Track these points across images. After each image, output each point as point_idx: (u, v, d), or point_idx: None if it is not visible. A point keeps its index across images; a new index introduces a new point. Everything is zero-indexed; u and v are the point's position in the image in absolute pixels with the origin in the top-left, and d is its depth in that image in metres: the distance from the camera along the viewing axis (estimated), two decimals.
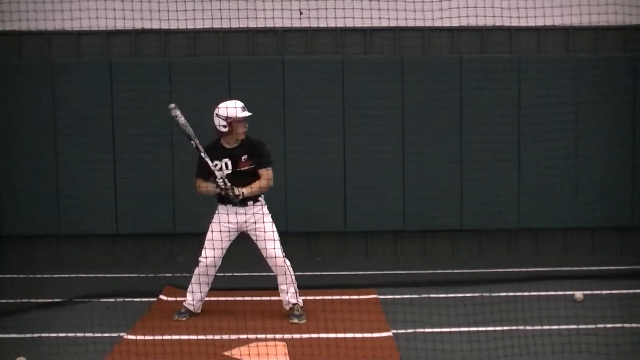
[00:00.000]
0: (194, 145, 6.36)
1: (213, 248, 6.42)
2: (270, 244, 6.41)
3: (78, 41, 9.16)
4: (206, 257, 6.45)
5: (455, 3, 8.73)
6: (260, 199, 6.48)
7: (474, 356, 5.50)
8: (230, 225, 6.45)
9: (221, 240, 6.42)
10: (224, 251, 6.51)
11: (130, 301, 7.13)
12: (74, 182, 8.95)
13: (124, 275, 8.39)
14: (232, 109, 6.32)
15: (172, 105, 6.47)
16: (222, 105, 6.38)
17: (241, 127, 6.40)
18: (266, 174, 6.43)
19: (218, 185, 6.27)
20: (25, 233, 9.13)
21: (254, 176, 6.40)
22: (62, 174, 8.97)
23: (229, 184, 6.25)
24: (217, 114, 6.36)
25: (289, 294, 6.49)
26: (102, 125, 8.93)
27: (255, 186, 6.36)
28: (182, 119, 6.39)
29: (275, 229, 6.49)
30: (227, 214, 6.42)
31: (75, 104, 8.91)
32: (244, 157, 6.40)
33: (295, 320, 6.42)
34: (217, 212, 6.51)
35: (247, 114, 6.38)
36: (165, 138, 8.89)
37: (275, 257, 6.40)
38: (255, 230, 6.46)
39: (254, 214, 6.44)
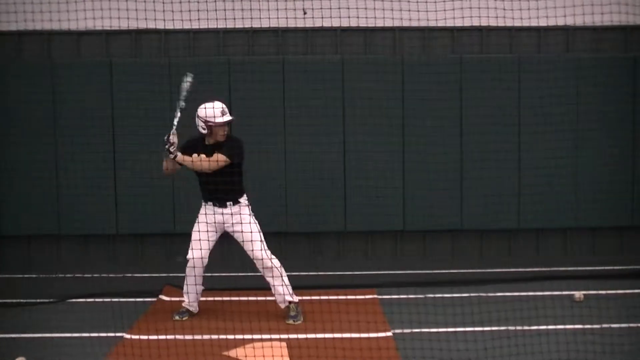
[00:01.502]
0: (175, 116, 6.27)
1: (197, 248, 6.41)
2: (253, 245, 6.38)
3: (78, 41, 9.16)
4: (193, 258, 6.44)
5: (455, 3, 8.73)
6: (241, 200, 6.46)
7: (474, 356, 5.50)
8: (211, 225, 6.45)
9: (206, 240, 6.41)
10: (209, 250, 6.50)
11: (130, 301, 7.13)
12: (74, 182, 8.95)
13: (124, 275, 8.39)
14: (211, 111, 6.25)
15: (192, 75, 6.45)
16: (203, 107, 6.31)
17: (220, 130, 6.34)
18: (216, 156, 6.23)
19: (166, 140, 6.15)
20: (25, 233, 9.13)
21: (230, 175, 6.32)
22: (62, 174, 8.97)
23: (173, 140, 6.12)
24: (197, 115, 6.32)
25: (280, 294, 6.48)
26: (102, 125, 8.94)
27: (195, 158, 6.22)
28: (186, 85, 6.36)
29: (258, 229, 6.45)
30: (207, 214, 6.44)
31: (75, 104, 8.91)
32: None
33: (291, 322, 6.42)
34: (200, 212, 6.52)
35: (226, 118, 6.33)
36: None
37: (262, 258, 6.38)
38: (237, 232, 6.46)
39: (231, 214, 6.42)
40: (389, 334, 6.04)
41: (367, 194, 9.01)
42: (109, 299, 7.17)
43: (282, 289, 6.46)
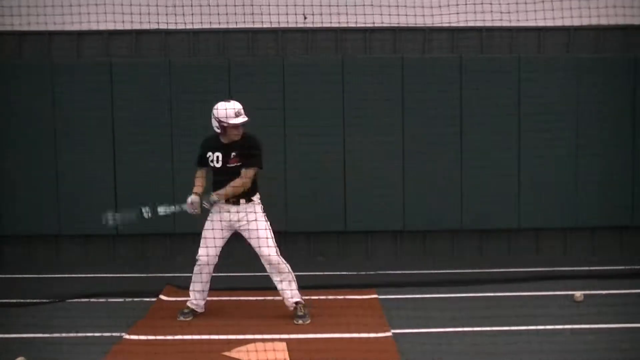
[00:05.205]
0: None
1: (208, 246, 6.41)
2: (263, 242, 6.35)
3: (78, 41, 9.16)
4: (206, 256, 6.43)
5: (455, 3, 8.73)
6: (254, 198, 6.43)
7: (474, 356, 5.50)
8: (224, 224, 6.42)
9: (216, 238, 6.40)
10: (219, 249, 6.49)
11: (130, 301, 7.13)
12: (74, 182, 8.96)
13: (124, 275, 8.40)
14: (224, 112, 6.22)
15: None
16: (219, 106, 6.28)
17: (234, 130, 6.30)
18: (244, 173, 6.27)
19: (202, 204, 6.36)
20: (25, 233, 9.13)
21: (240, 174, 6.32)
22: (62, 174, 8.97)
23: (205, 204, 6.35)
24: (212, 114, 6.31)
25: (287, 292, 6.45)
26: (102, 125, 8.94)
27: (229, 190, 6.26)
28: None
29: (268, 227, 6.42)
30: (220, 212, 6.41)
31: (75, 104, 8.91)
32: (234, 154, 6.32)
33: (300, 322, 6.37)
34: (211, 210, 6.48)
35: (241, 120, 6.27)
36: (165, 138, 8.90)
37: (269, 255, 6.35)
38: (248, 230, 6.41)
39: (246, 212, 6.37)
40: (389, 334, 6.04)
41: (367, 194, 9.01)
42: (109, 299, 7.17)
43: (289, 292, 6.44)
